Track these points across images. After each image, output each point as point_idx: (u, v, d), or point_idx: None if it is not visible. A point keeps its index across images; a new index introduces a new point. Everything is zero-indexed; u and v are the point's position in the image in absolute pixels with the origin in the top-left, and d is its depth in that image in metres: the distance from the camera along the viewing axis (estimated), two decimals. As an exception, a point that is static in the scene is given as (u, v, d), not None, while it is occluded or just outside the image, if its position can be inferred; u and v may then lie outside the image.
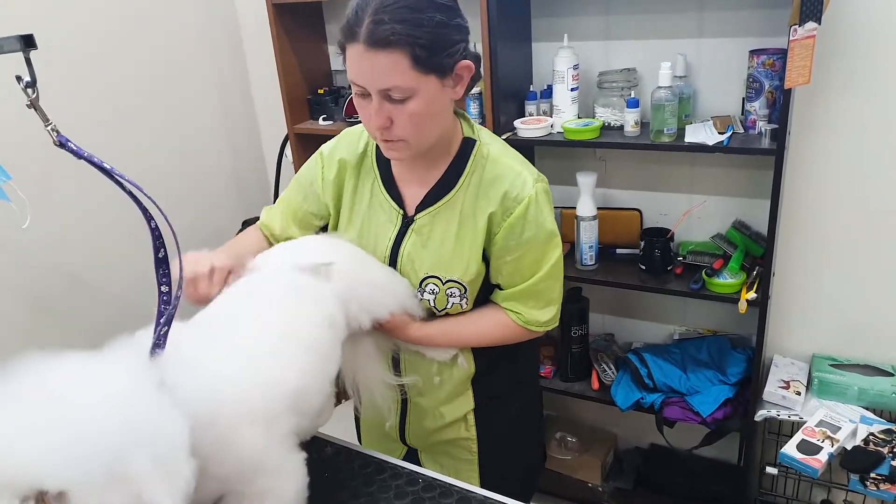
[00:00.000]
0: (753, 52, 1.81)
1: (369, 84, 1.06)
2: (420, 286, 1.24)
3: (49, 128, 0.79)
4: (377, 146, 1.23)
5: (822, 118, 1.86)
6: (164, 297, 0.85)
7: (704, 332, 2.23)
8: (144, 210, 0.84)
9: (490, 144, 1.23)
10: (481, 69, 1.20)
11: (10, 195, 1.17)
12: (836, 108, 1.84)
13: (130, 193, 0.82)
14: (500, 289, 1.27)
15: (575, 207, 2.08)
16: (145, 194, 0.83)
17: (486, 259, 1.24)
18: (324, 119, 2.42)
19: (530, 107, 2.10)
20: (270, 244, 1.35)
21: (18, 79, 0.79)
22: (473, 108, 2.10)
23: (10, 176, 1.18)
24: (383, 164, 1.26)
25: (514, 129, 2.04)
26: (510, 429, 1.44)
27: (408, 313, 1.24)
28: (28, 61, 0.79)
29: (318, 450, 1.24)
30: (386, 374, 1.30)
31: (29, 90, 0.79)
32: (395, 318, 1.22)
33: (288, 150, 2.49)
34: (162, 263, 0.86)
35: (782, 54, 1.75)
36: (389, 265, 1.25)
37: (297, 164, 2.44)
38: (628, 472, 2.41)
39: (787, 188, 1.93)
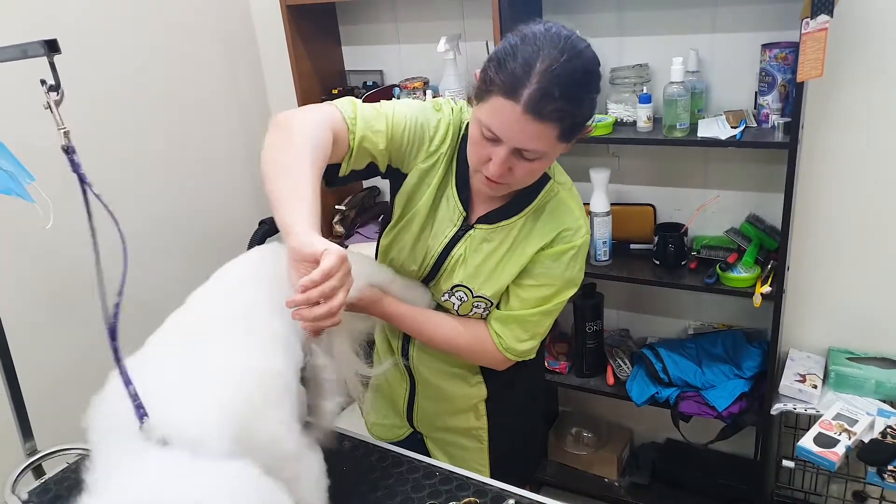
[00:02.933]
0: (766, 46, 1.81)
1: (509, 139, 1.04)
2: (450, 290, 1.26)
3: (60, 131, 0.81)
4: (460, 146, 1.22)
5: (836, 111, 1.86)
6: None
7: (719, 326, 2.23)
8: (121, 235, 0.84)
9: (562, 184, 1.25)
10: None
11: (33, 196, 1.21)
12: (850, 101, 1.84)
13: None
14: (497, 308, 1.28)
15: (588, 203, 2.08)
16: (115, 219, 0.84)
17: None
18: (338, 119, 2.43)
19: (543, 104, 2.11)
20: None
21: (43, 82, 0.81)
22: (486, 106, 2.11)
23: (34, 177, 1.21)
24: (462, 165, 1.22)
25: (527, 126, 2.05)
26: (519, 416, 1.46)
27: (381, 288, 1.24)
28: (52, 65, 0.81)
29: (336, 444, 1.26)
30: (358, 364, 1.28)
31: (53, 93, 0.81)
32: (366, 296, 1.22)
33: (303, 150, 2.51)
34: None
35: (794, 48, 1.75)
36: (437, 261, 1.26)
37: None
38: (644, 466, 2.42)
39: (801, 181, 1.93)
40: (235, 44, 2.56)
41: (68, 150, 0.80)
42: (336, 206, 2.54)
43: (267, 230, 2.47)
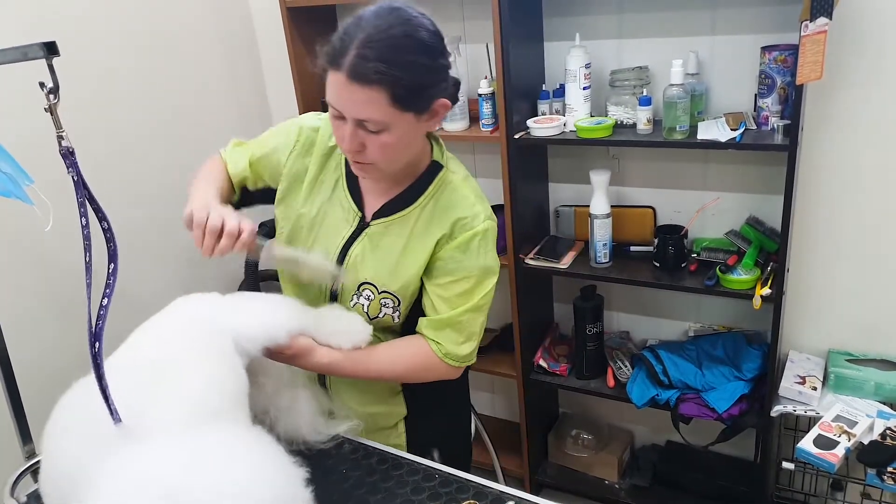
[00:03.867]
0: (765, 49, 1.81)
1: (346, 112, 1.08)
2: (357, 290, 1.26)
3: (58, 134, 0.81)
4: None
5: (835, 113, 1.86)
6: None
7: (719, 328, 2.23)
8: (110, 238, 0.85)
9: (455, 172, 1.27)
10: (458, 95, 1.23)
11: (32, 198, 1.21)
12: (849, 103, 1.84)
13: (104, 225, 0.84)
14: (426, 317, 1.28)
15: (588, 206, 2.09)
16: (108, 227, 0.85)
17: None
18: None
19: (543, 106, 2.11)
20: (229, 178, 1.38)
21: (42, 85, 0.81)
22: (486, 108, 2.11)
23: (33, 180, 1.21)
24: (350, 167, 1.27)
25: (527, 128, 2.05)
26: (442, 439, 1.45)
27: (312, 337, 1.23)
28: (51, 68, 0.81)
29: (335, 447, 1.27)
30: (317, 421, 1.28)
31: (51, 96, 0.81)
32: (298, 344, 1.21)
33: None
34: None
35: (794, 50, 1.75)
36: (337, 262, 1.27)
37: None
38: (645, 468, 2.42)
39: (801, 184, 1.93)
40: (235, 45, 2.57)
41: (67, 154, 0.80)
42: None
43: (267, 232, 2.46)
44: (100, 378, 0.77)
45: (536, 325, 2.38)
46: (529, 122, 2.05)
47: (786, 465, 1.86)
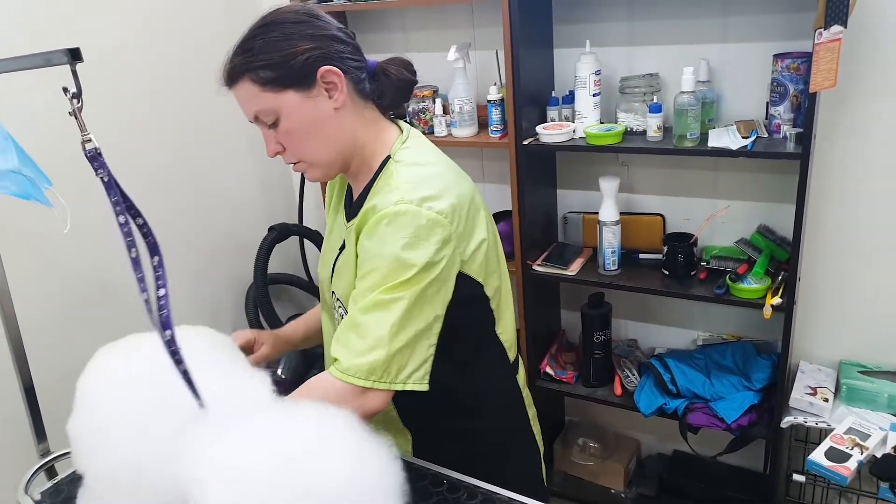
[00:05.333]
0: (777, 56, 1.79)
1: (247, 116, 1.10)
2: (336, 305, 1.21)
3: (83, 138, 0.81)
4: None
5: (848, 122, 1.85)
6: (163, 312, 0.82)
7: (728, 337, 2.22)
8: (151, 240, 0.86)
9: (399, 161, 1.11)
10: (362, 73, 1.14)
11: (51, 201, 1.21)
12: (863, 112, 1.82)
13: (143, 228, 0.84)
14: None
15: (597, 213, 2.07)
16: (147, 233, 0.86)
17: None
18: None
19: (552, 112, 2.11)
20: None
21: (65, 90, 0.81)
22: (495, 114, 2.10)
23: (52, 183, 1.22)
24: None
25: (537, 134, 2.04)
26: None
27: None
28: (74, 73, 0.82)
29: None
30: None
31: (74, 100, 0.82)
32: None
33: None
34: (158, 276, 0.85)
35: (807, 58, 1.74)
36: (330, 283, 1.24)
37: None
38: (651, 478, 2.40)
39: (813, 192, 1.92)
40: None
41: (95, 155, 0.81)
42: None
43: (276, 236, 2.47)
44: (178, 363, 0.78)
45: (543, 332, 2.37)
46: (539, 129, 2.04)
47: (797, 477, 1.84)
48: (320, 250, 2.56)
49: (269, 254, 2.44)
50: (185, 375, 0.80)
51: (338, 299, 1.20)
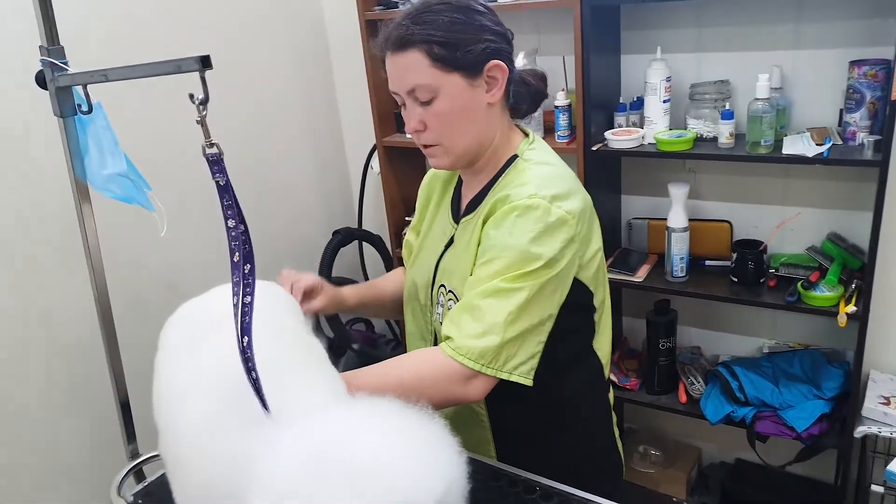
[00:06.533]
0: (854, 63, 1.78)
1: (398, 87, 1.09)
2: (439, 301, 1.20)
3: (208, 143, 0.84)
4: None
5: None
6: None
7: (794, 345, 2.19)
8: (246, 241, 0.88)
9: (529, 160, 1.14)
10: (536, 80, 1.20)
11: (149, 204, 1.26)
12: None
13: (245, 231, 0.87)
14: None
15: (663, 219, 2.07)
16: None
17: None
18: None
19: (619, 118, 2.11)
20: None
21: (191, 97, 0.85)
22: (562, 120, 2.12)
23: (151, 187, 1.26)
24: (461, 180, 1.27)
25: (605, 139, 2.06)
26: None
27: None
28: (203, 80, 0.85)
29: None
30: None
31: (201, 107, 0.85)
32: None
33: (375, 163, 2.55)
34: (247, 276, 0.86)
35: (885, 65, 1.73)
36: (432, 280, 1.23)
37: (385, 175, 2.50)
38: (713, 487, 2.38)
39: (889, 200, 1.89)
40: (308, 59, 2.62)
41: (217, 160, 0.84)
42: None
43: (341, 240, 2.51)
44: (249, 371, 0.79)
45: (605, 338, 2.36)
46: (607, 134, 2.05)
47: (875, 488, 1.81)
48: (381, 254, 2.63)
49: (335, 258, 2.48)
50: (255, 384, 0.80)
51: (450, 290, 1.18)
